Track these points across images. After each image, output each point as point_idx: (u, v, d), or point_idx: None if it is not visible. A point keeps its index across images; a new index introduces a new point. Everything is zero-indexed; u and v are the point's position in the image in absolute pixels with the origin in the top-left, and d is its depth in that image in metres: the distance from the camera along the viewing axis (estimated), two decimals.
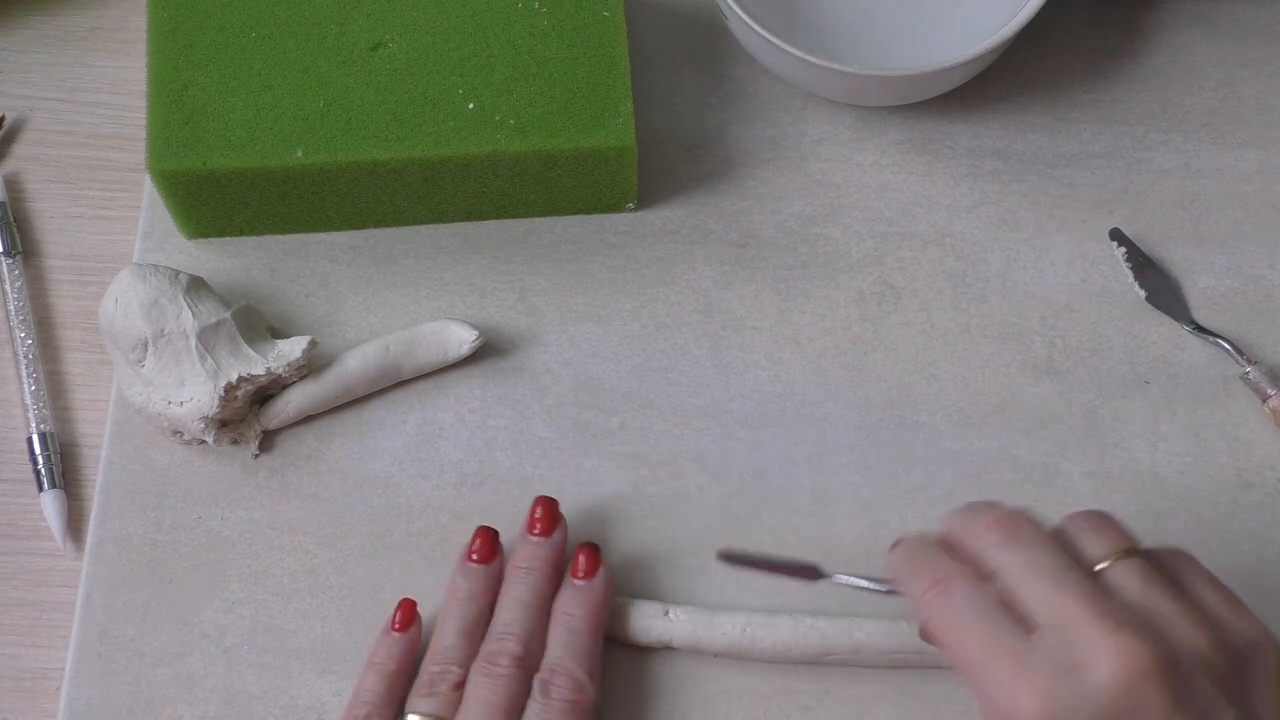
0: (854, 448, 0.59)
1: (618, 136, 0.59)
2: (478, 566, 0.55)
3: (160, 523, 0.58)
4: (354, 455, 0.59)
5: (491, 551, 0.56)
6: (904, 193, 0.64)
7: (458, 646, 0.53)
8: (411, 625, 0.55)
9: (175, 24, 0.60)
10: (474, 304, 0.62)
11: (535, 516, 0.56)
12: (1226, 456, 0.59)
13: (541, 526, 0.56)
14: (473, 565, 0.55)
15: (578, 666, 0.53)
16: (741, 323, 0.62)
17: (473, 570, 0.55)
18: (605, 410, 0.60)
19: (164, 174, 0.58)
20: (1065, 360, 0.61)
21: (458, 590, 0.55)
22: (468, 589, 0.55)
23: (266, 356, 0.57)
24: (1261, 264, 0.63)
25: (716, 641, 0.55)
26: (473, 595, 0.55)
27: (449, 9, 0.60)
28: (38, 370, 0.61)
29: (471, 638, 0.54)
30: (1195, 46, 0.67)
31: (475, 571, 0.55)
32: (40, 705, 0.56)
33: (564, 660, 0.53)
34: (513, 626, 0.53)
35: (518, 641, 0.53)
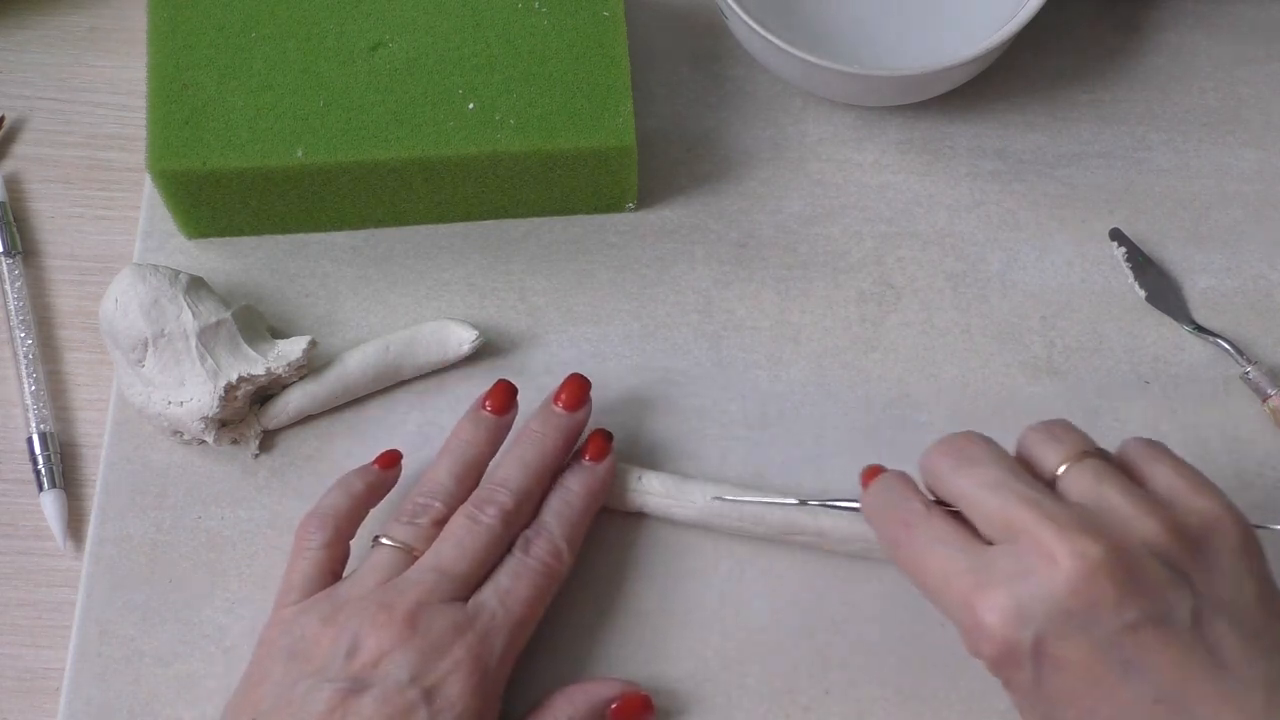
0: (854, 448, 0.59)
1: (618, 136, 0.59)
2: (488, 415, 0.56)
3: (160, 523, 0.58)
4: (354, 455, 0.59)
5: (506, 404, 0.56)
6: (904, 193, 0.64)
7: (448, 486, 0.54)
8: (392, 467, 0.55)
9: (175, 24, 0.60)
10: (474, 304, 0.62)
11: (564, 389, 0.56)
12: (1226, 456, 0.59)
13: (567, 400, 0.56)
14: (483, 414, 0.56)
15: (562, 535, 0.53)
16: (741, 323, 0.62)
17: (482, 418, 0.56)
18: (605, 410, 0.60)
19: (164, 174, 0.58)
20: (1065, 360, 0.61)
21: (461, 432, 0.55)
22: (472, 434, 0.55)
23: (266, 356, 0.57)
24: (1261, 264, 0.63)
25: (686, 510, 0.56)
26: (475, 442, 0.55)
27: (449, 9, 0.60)
28: (38, 370, 0.61)
29: (463, 482, 0.54)
30: (1195, 46, 0.67)
31: (485, 420, 0.55)
32: (40, 705, 0.56)
33: (552, 526, 0.53)
34: (510, 482, 0.54)
35: (510, 496, 0.53)
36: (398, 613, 0.50)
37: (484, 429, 0.55)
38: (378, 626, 0.49)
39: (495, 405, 0.56)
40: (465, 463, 0.55)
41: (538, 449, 0.55)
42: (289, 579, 0.53)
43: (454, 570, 0.51)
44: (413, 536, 0.53)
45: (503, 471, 0.54)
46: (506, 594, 0.52)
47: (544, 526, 0.54)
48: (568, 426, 0.56)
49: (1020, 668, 0.43)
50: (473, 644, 0.50)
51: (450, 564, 0.52)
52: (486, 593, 0.52)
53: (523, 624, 0.52)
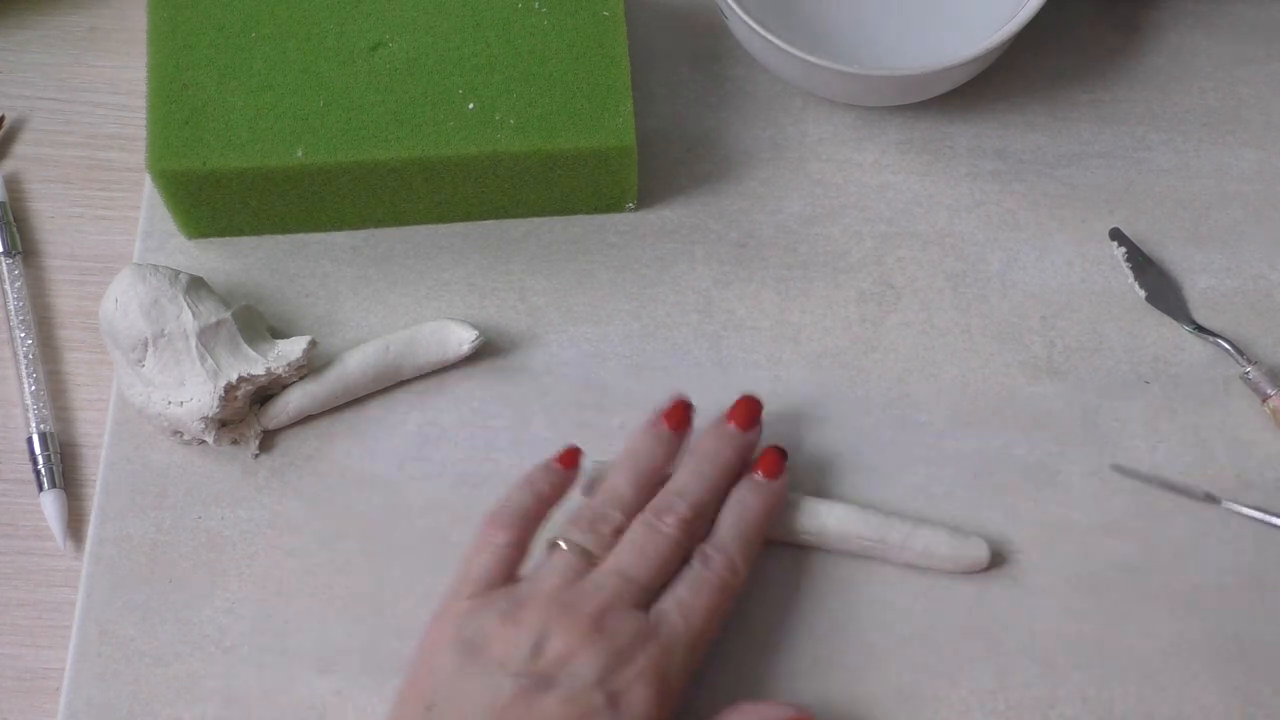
0: (854, 448, 0.59)
1: (618, 136, 0.59)
2: (665, 431, 0.56)
3: (160, 523, 0.58)
4: (354, 455, 0.59)
5: (683, 420, 0.56)
6: (904, 193, 0.64)
7: (628, 495, 0.54)
8: (574, 465, 0.55)
9: (175, 24, 0.60)
10: (474, 304, 0.62)
11: (737, 409, 0.56)
12: (1226, 456, 0.59)
13: (740, 420, 0.56)
14: (662, 428, 0.56)
15: (738, 551, 0.53)
16: (741, 323, 0.62)
17: (659, 433, 0.56)
18: (605, 410, 0.60)
19: (164, 174, 0.58)
20: (1065, 360, 0.61)
21: (640, 445, 0.55)
22: (650, 447, 0.55)
23: (266, 356, 0.57)
24: (1261, 264, 0.63)
25: None
26: (653, 455, 0.55)
27: (449, 9, 0.60)
28: (38, 370, 0.61)
29: (642, 492, 0.54)
30: (1195, 46, 0.67)
31: (663, 435, 0.56)
32: (40, 705, 0.56)
33: (728, 541, 0.53)
34: (688, 493, 0.54)
35: (690, 506, 0.53)
36: (584, 614, 0.50)
37: (662, 443, 0.55)
38: (564, 626, 0.49)
39: (674, 421, 0.56)
40: (644, 474, 0.54)
41: (713, 463, 0.55)
42: (468, 572, 0.52)
43: (637, 577, 0.51)
44: (593, 542, 0.52)
45: (680, 481, 0.54)
46: (687, 607, 0.51)
47: (721, 541, 0.53)
48: (741, 444, 0.56)
49: None
50: (655, 654, 0.50)
51: (633, 570, 0.51)
52: (667, 603, 0.51)
53: (702, 638, 0.51)
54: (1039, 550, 0.57)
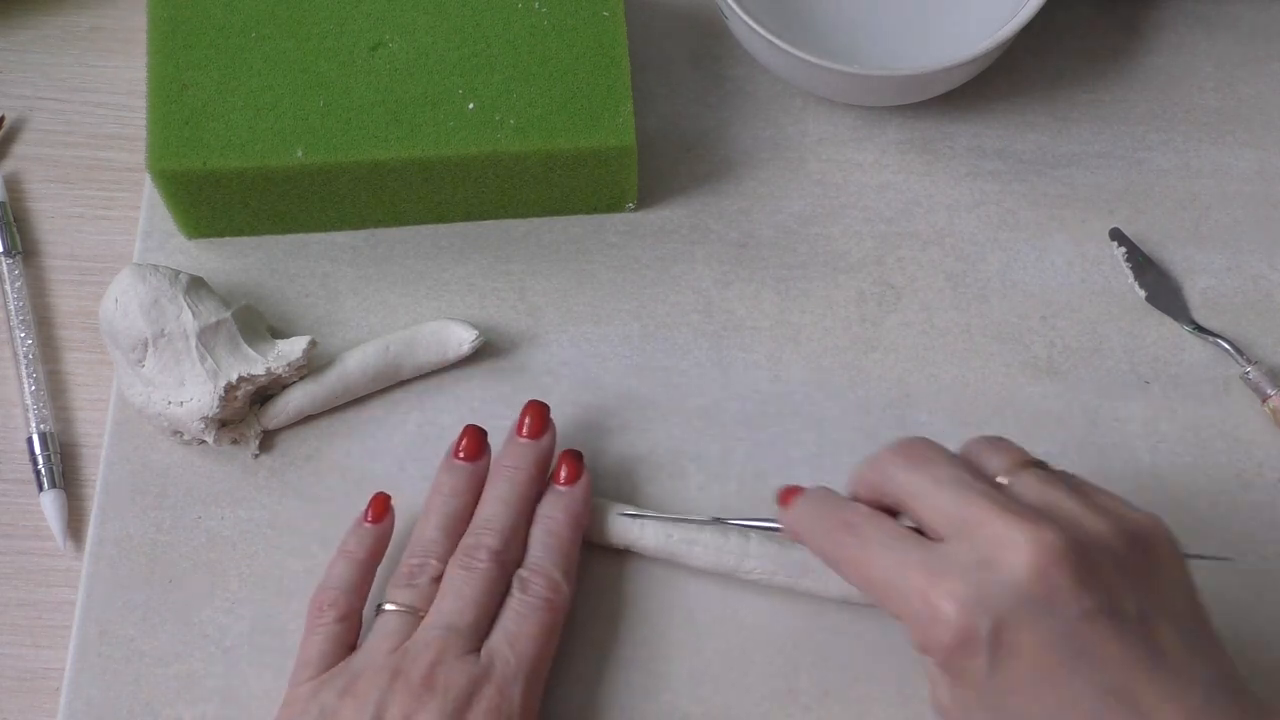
0: (854, 448, 0.59)
1: (618, 136, 0.59)
2: (463, 464, 0.56)
3: (160, 523, 0.58)
4: (354, 455, 0.59)
5: (478, 450, 0.56)
6: (904, 193, 0.64)
7: (438, 541, 0.54)
8: (384, 518, 0.55)
9: (175, 24, 0.60)
10: (474, 304, 0.62)
11: (525, 419, 0.56)
12: (1226, 456, 0.59)
13: (530, 428, 0.56)
14: (458, 463, 0.56)
15: (554, 567, 0.53)
16: (741, 323, 0.62)
17: (458, 467, 0.56)
18: (605, 410, 0.60)
19: (164, 174, 0.58)
20: (1065, 360, 0.61)
21: (441, 486, 0.55)
22: (451, 485, 0.55)
23: (266, 356, 0.57)
24: (1261, 264, 0.63)
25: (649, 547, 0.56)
26: (456, 491, 0.55)
27: (449, 9, 0.60)
28: (38, 370, 0.61)
29: (452, 534, 0.54)
30: (1195, 46, 0.67)
31: (460, 469, 0.56)
32: (40, 705, 0.56)
33: (542, 560, 0.54)
34: (493, 522, 0.54)
35: (497, 537, 0.53)
36: (414, 677, 0.50)
37: (461, 478, 0.56)
38: (398, 691, 0.49)
39: (467, 454, 0.56)
40: (450, 515, 0.55)
41: (513, 485, 0.55)
42: (303, 656, 0.53)
43: (460, 622, 0.51)
44: (415, 597, 0.53)
45: (486, 512, 0.54)
46: (515, 637, 0.52)
47: (536, 562, 0.54)
48: (537, 457, 0.56)
49: (975, 655, 0.43)
50: (493, 694, 0.50)
51: (455, 617, 0.51)
52: (495, 639, 0.52)
53: (537, 664, 0.52)
54: None
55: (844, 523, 0.47)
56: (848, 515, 0.48)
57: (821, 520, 0.49)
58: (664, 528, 0.56)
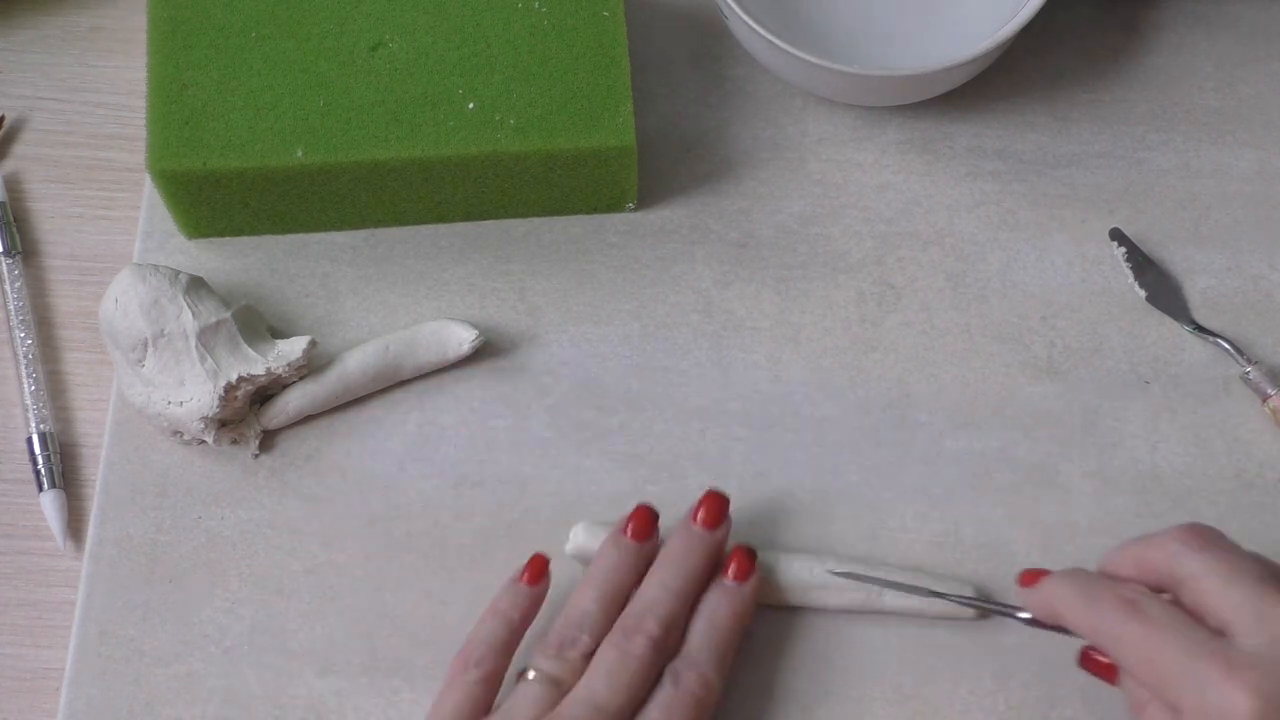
0: (854, 448, 0.59)
1: (618, 136, 0.59)
2: (630, 542, 0.54)
3: (160, 523, 0.58)
4: (354, 455, 0.59)
5: (648, 530, 0.54)
6: (904, 193, 0.64)
7: (594, 615, 0.52)
8: (541, 580, 0.53)
9: (175, 24, 0.60)
10: (474, 304, 0.62)
11: (702, 508, 0.55)
12: (1226, 456, 0.59)
13: (706, 518, 0.54)
14: (626, 540, 0.54)
15: (710, 664, 0.52)
16: (741, 323, 0.62)
17: (625, 545, 0.54)
18: (605, 410, 0.60)
19: (164, 174, 0.58)
20: (1065, 360, 0.61)
21: (605, 560, 0.54)
22: (616, 560, 0.54)
23: (266, 356, 0.57)
24: (1261, 264, 0.63)
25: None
26: (619, 569, 0.54)
27: (449, 9, 0.60)
28: (38, 370, 0.61)
29: (609, 611, 0.53)
30: (1195, 46, 0.67)
31: (628, 547, 0.54)
32: (40, 705, 0.56)
33: (700, 655, 0.52)
34: (655, 608, 0.52)
35: (658, 623, 0.52)
36: None
37: (628, 555, 0.54)
38: None
39: (636, 534, 0.54)
40: (611, 591, 0.53)
41: (681, 573, 0.53)
42: (439, 711, 0.51)
43: (608, 705, 0.50)
44: (561, 669, 0.51)
45: (648, 597, 0.52)
46: None
47: (692, 656, 0.52)
48: (709, 546, 0.54)
49: None
50: None
51: (603, 698, 0.50)
52: None
53: None
54: (1039, 550, 0.57)
55: (1124, 600, 0.47)
56: (1127, 593, 0.47)
57: (1094, 598, 0.48)
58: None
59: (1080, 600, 0.48)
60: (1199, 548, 0.47)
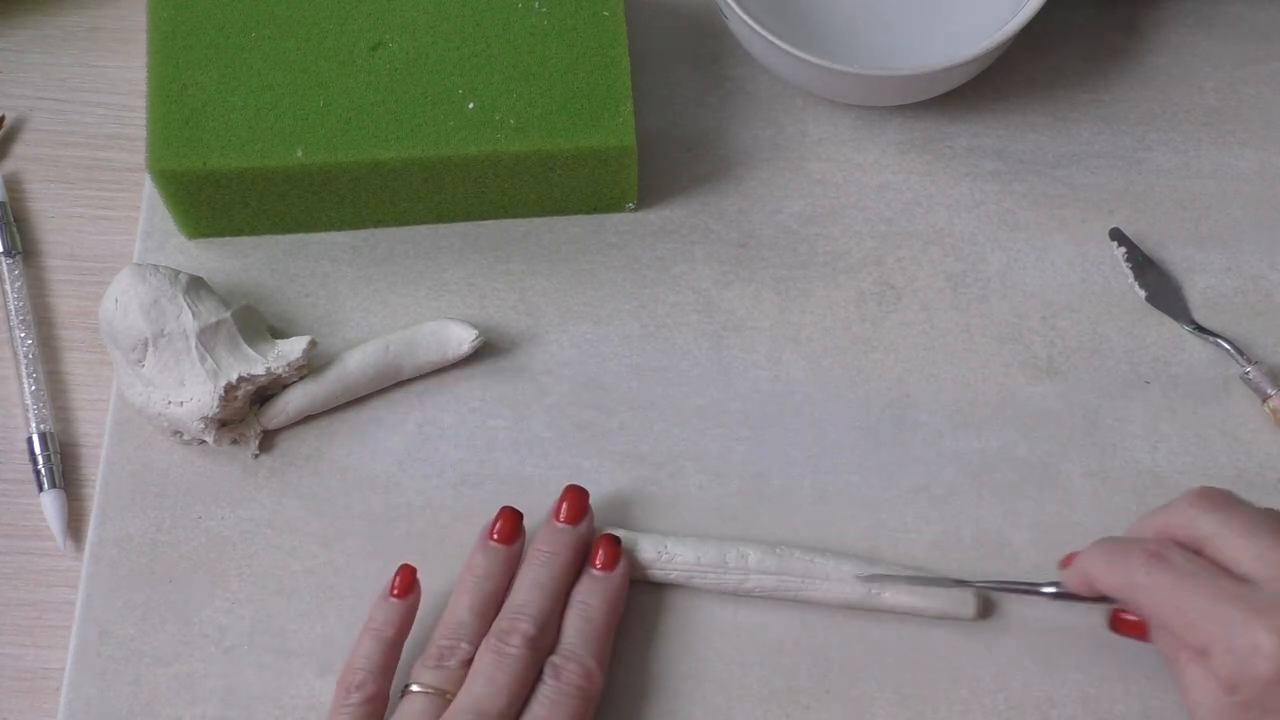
0: (854, 448, 0.59)
1: (618, 136, 0.59)
2: (497, 546, 0.55)
3: (160, 523, 0.58)
4: (354, 455, 0.59)
5: (513, 533, 0.55)
6: (904, 193, 0.64)
7: (469, 624, 0.53)
8: (410, 592, 0.54)
9: (175, 24, 0.60)
10: (474, 304, 0.62)
11: (563, 504, 0.56)
12: (1226, 456, 0.59)
13: (568, 514, 0.55)
14: (493, 544, 0.55)
15: (589, 654, 0.53)
16: (741, 323, 0.62)
17: (492, 549, 0.55)
18: (605, 410, 0.60)
19: (164, 174, 0.58)
20: (1065, 360, 0.61)
21: (475, 567, 0.55)
22: (485, 567, 0.54)
23: (266, 356, 0.57)
24: (1261, 264, 0.63)
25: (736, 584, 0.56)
26: (490, 574, 0.54)
27: (449, 9, 0.60)
28: (38, 370, 0.61)
29: (484, 616, 0.53)
30: (1195, 46, 0.67)
31: (495, 551, 0.55)
32: (40, 705, 0.56)
33: (577, 647, 0.53)
34: (527, 607, 0.53)
35: (531, 622, 0.52)
36: None
37: (496, 560, 0.55)
38: None
39: (502, 537, 0.55)
40: (483, 597, 0.54)
41: (549, 570, 0.54)
42: None
43: (491, 709, 0.50)
44: (443, 680, 0.52)
45: (519, 597, 0.53)
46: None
47: (570, 649, 0.53)
48: (574, 542, 0.55)
49: None
50: None
51: (486, 703, 0.50)
52: None
53: None
54: (1039, 550, 0.57)
55: (1150, 553, 0.49)
56: (1153, 547, 0.49)
57: (1123, 555, 0.49)
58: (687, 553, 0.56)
59: (1109, 559, 0.50)
60: (1214, 508, 0.49)
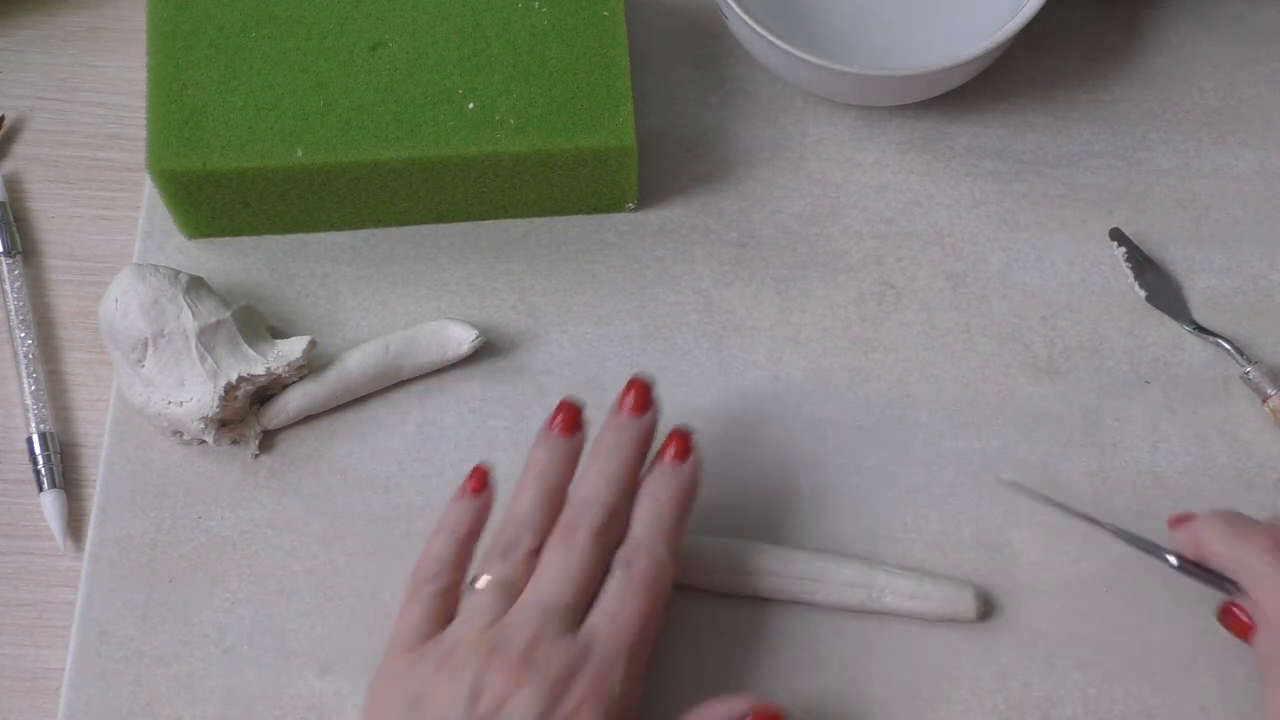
0: (854, 448, 0.59)
1: (618, 136, 0.59)
2: (559, 438, 0.53)
3: (160, 523, 0.58)
4: (354, 455, 0.59)
5: (575, 424, 0.54)
6: (904, 193, 0.64)
7: (534, 517, 0.52)
8: (484, 489, 0.53)
9: (175, 24, 0.60)
10: (474, 304, 0.62)
11: (629, 394, 0.54)
12: (1226, 456, 0.59)
13: (635, 404, 0.54)
14: (554, 436, 0.54)
15: (661, 545, 0.51)
16: (741, 323, 0.62)
17: (554, 441, 0.53)
18: (605, 410, 0.60)
19: (164, 174, 0.58)
20: (1065, 360, 0.61)
21: (536, 461, 0.53)
22: (547, 460, 0.53)
23: (266, 356, 0.57)
24: (1261, 264, 0.63)
25: None
26: (551, 467, 0.53)
27: (449, 9, 0.60)
28: (38, 370, 0.61)
29: (548, 508, 0.52)
30: (1195, 46, 0.67)
31: (556, 443, 0.53)
32: (40, 705, 0.56)
33: (648, 538, 0.51)
34: (595, 498, 0.52)
35: (600, 512, 0.51)
36: (512, 655, 0.48)
37: (558, 452, 0.53)
38: (494, 670, 0.48)
39: (564, 428, 0.53)
40: (547, 489, 0.52)
41: (617, 460, 0.53)
42: (399, 628, 0.51)
43: (559, 601, 0.50)
44: (511, 572, 0.51)
45: (588, 487, 0.52)
46: (616, 618, 0.50)
47: (640, 540, 0.51)
48: (640, 434, 0.53)
49: None
50: (593, 676, 0.49)
51: (554, 595, 0.50)
52: (596, 619, 0.50)
53: (638, 644, 0.50)
54: (1039, 550, 0.58)
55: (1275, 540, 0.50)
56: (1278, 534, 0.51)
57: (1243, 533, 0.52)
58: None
59: (1228, 532, 0.50)
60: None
